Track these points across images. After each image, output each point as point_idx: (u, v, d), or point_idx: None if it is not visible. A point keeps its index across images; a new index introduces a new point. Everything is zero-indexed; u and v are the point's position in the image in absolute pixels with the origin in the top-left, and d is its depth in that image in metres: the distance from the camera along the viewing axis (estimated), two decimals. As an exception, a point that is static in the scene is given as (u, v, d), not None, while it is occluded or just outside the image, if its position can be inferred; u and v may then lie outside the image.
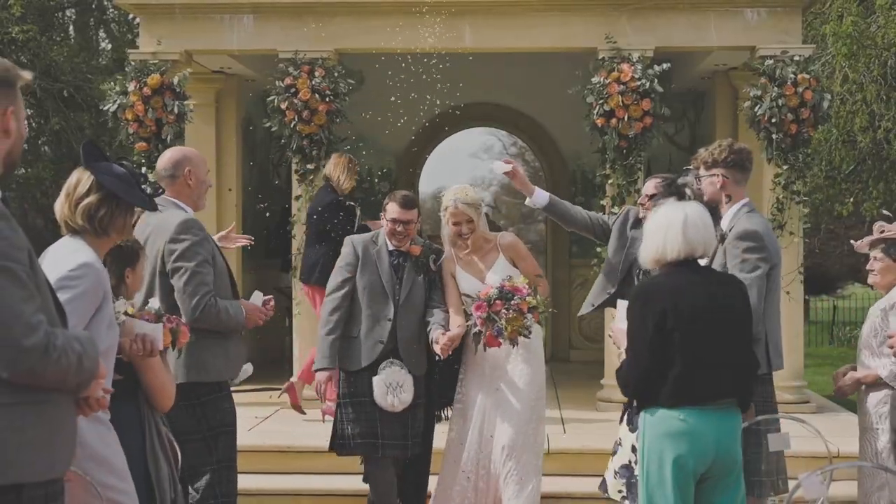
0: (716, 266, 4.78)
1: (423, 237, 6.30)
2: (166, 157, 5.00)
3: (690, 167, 5.48)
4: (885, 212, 5.65)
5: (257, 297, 5.05)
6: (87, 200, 3.63)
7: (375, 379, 5.74)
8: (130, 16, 18.00)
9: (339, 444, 5.92)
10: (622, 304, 4.41)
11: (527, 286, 5.53)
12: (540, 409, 5.89)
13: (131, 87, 8.80)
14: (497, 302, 5.42)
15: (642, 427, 4.22)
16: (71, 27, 17.84)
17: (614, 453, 5.33)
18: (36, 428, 2.73)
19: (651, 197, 5.48)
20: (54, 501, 2.81)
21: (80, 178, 3.68)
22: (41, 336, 2.65)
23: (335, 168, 8.25)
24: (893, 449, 5.06)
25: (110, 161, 3.74)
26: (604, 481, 5.43)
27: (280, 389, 8.52)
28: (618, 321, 4.46)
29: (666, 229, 4.13)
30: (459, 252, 5.93)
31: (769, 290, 4.86)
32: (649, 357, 4.04)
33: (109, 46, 18.31)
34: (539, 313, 5.54)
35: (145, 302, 4.38)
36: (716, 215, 4.90)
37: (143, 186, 3.75)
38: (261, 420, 8.33)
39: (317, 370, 5.90)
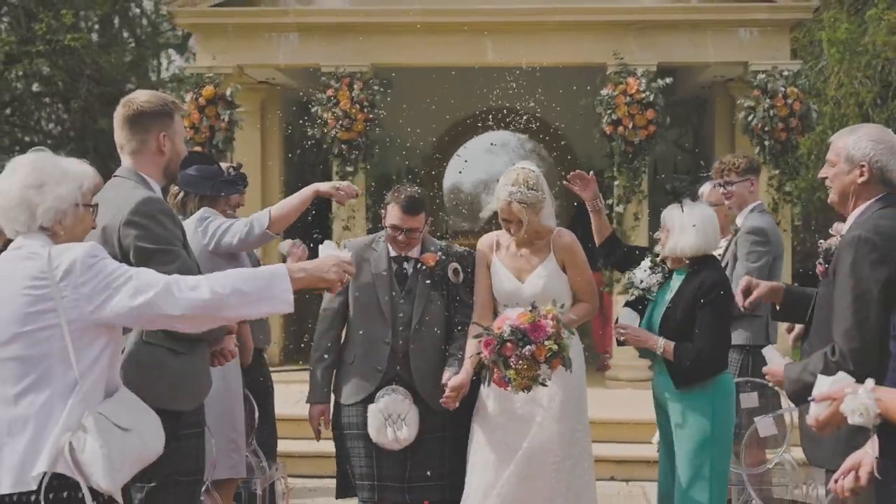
0: (728, 255, 5.73)
1: (446, 236, 5.71)
2: None
3: (709, 174, 6.37)
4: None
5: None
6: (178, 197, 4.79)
7: (371, 408, 4.74)
8: (153, 15, 18.88)
9: (345, 486, 4.94)
10: (627, 313, 4.92)
11: (553, 321, 4.36)
12: (583, 449, 4.76)
13: (188, 97, 9.85)
14: (508, 344, 4.34)
15: (711, 394, 4.64)
16: (95, 30, 18.47)
17: None
18: (191, 368, 3.78)
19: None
20: (203, 424, 3.89)
21: None
22: None
23: None
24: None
25: (204, 162, 4.83)
26: None
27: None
28: (629, 321, 4.88)
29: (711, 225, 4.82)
30: (511, 238, 4.88)
31: (771, 277, 5.78)
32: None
33: (133, 44, 19.07)
34: (562, 359, 4.36)
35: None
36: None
37: (222, 176, 4.82)
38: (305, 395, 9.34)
39: (308, 403, 4.96)
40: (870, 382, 2.78)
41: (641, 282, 4.97)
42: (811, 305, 3.86)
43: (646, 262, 5.02)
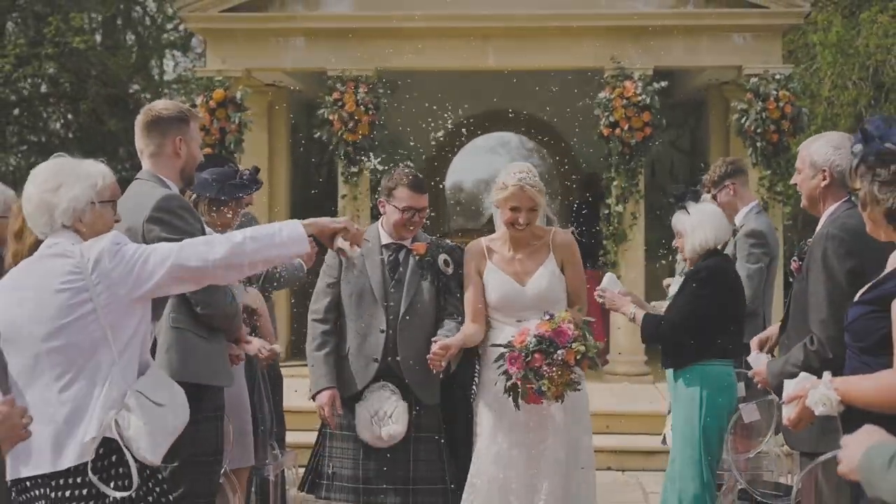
0: (728, 253, 5.88)
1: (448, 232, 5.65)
2: None
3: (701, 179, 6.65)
4: None
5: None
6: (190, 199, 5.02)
7: (358, 406, 4.68)
8: (157, 15, 19.13)
9: (314, 484, 4.84)
10: (610, 277, 5.26)
11: (573, 325, 4.35)
12: (586, 446, 4.75)
13: (198, 100, 10.13)
14: (536, 356, 4.29)
15: (700, 381, 4.90)
16: (98, 32, 18.67)
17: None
18: (217, 352, 4.15)
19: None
20: (222, 410, 4.20)
21: None
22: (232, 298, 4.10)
23: None
24: None
25: (219, 165, 5.01)
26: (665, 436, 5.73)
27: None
28: (610, 286, 5.13)
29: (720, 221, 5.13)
30: (504, 243, 4.79)
31: (767, 277, 6.10)
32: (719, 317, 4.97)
33: (136, 48, 19.30)
34: (589, 359, 4.36)
35: None
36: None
37: (234, 179, 4.96)
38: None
39: (314, 394, 4.76)
40: (827, 375, 3.06)
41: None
42: (787, 301, 4.15)
43: (676, 278, 5.37)
